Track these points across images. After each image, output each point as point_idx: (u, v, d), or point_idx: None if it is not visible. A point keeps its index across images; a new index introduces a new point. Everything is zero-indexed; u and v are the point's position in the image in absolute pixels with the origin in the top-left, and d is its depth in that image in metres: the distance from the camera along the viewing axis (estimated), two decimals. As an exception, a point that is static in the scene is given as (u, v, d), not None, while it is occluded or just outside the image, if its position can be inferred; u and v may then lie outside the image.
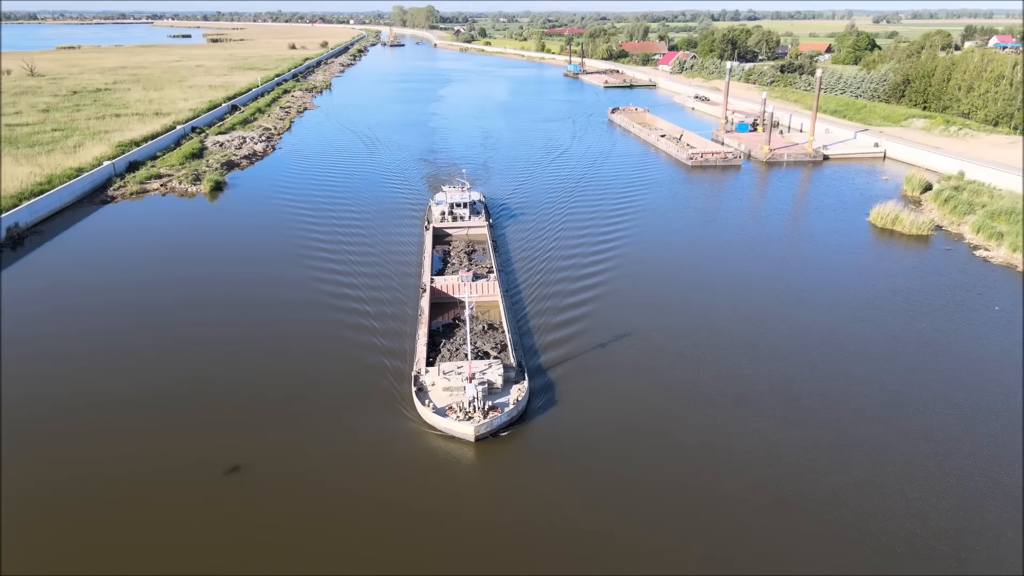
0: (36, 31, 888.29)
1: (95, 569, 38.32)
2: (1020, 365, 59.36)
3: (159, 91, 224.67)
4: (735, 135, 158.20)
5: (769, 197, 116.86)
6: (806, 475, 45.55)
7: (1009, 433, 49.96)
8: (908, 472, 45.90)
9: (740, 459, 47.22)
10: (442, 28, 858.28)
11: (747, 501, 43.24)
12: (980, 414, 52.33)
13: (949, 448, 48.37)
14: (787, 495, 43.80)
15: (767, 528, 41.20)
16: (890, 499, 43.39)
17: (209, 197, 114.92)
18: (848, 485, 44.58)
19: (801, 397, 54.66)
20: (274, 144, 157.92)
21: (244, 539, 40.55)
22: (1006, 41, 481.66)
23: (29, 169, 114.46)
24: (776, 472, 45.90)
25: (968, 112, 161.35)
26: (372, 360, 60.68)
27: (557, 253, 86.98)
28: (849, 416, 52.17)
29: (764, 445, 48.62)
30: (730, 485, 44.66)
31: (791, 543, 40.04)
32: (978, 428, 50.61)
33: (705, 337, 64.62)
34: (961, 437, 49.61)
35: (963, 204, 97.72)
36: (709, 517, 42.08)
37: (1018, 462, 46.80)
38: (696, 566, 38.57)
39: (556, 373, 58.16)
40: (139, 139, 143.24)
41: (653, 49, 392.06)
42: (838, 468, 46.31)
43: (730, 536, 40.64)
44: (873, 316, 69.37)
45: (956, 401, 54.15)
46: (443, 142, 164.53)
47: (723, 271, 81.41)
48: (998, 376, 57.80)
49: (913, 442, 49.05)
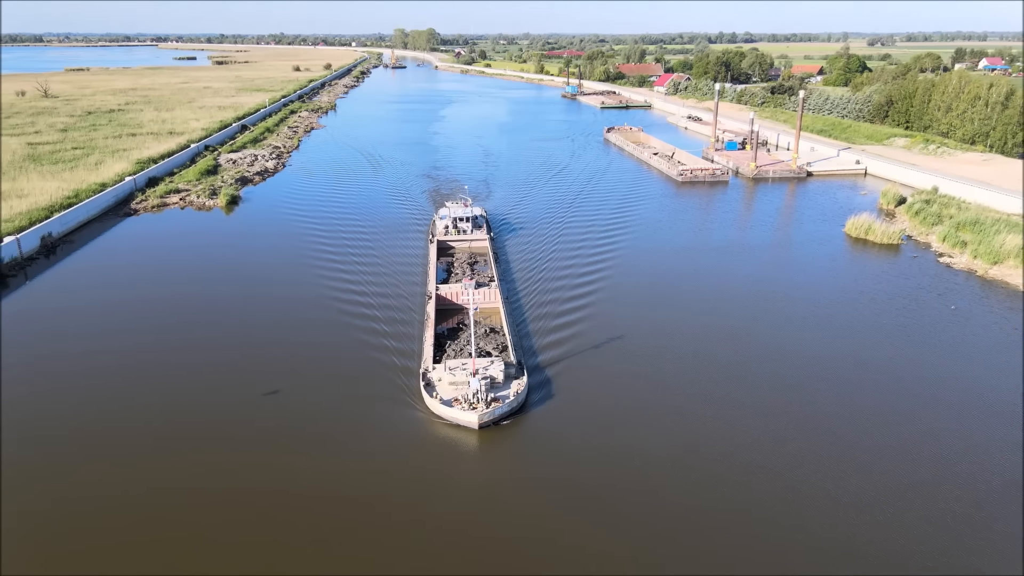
0: (42, 53, 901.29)
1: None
2: (970, 355, 65.93)
3: (170, 111, 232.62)
4: (724, 153, 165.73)
5: (754, 210, 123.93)
6: (769, 444, 51.90)
7: (953, 404, 56.43)
8: (860, 437, 52.30)
9: (718, 437, 53.54)
10: (443, 50, 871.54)
11: (718, 472, 49.58)
12: (933, 394, 58.80)
13: (895, 418, 54.81)
14: (750, 461, 50.20)
15: (742, 492, 47.56)
16: (844, 462, 49.79)
17: (225, 210, 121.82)
18: (811, 451, 50.97)
19: (778, 378, 61.07)
20: (284, 161, 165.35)
21: (272, 505, 46.71)
22: (995, 63, 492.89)
23: (56, 184, 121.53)
24: (742, 447, 52.28)
25: (947, 131, 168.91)
26: (382, 359, 66.05)
27: (555, 264, 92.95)
28: (808, 395, 58.60)
29: (737, 424, 55.05)
30: (704, 460, 50.99)
31: (763, 503, 46.40)
32: (930, 404, 57.04)
33: (691, 334, 71.03)
34: (914, 410, 56.06)
35: (932, 216, 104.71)
36: (687, 488, 48.32)
37: (953, 431, 53.24)
38: (676, 531, 44.81)
39: (553, 371, 63.58)
40: (156, 156, 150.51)
41: (649, 71, 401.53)
42: (803, 435, 52.70)
43: (708, 504, 46.94)
44: (842, 313, 76.00)
45: (909, 382, 60.66)
46: (445, 160, 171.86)
47: (708, 276, 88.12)
48: (952, 363, 64.32)
49: (865, 415, 55.47)
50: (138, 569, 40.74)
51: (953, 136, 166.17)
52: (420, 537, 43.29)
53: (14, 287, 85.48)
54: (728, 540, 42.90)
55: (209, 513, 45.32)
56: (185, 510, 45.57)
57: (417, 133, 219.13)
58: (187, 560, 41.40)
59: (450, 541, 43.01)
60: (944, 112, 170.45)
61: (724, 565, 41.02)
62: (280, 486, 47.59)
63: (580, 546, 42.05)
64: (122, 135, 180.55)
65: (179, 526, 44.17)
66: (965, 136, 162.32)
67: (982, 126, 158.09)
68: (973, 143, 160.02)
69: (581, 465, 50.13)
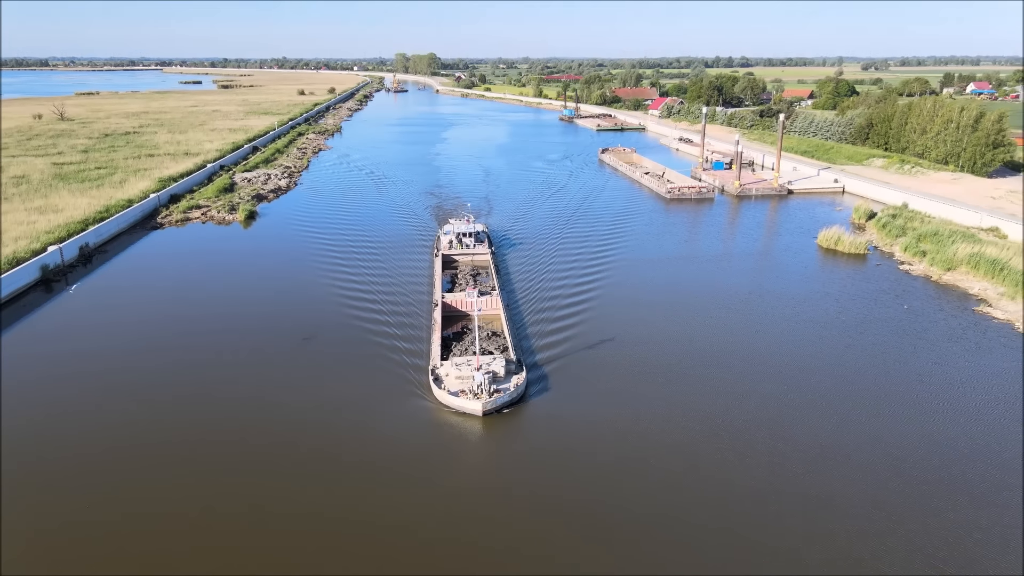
0: (49, 77, 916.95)
1: None
2: (916, 345, 74.65)
3: (183, 134, 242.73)
4: (712, 172, 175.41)
5: (736, 224, 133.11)
6: (733, 412, 60.45)
7: (898, 385, 65.03)
8: (799, 420, 60.88)
9: (697, 417, 62.04)
10: (443, 74, 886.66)
11: (696, 452, 58.10)
12: (882, 375, 67.41)
13: (846, 396, 63.39)
14: (716, 427, 58.73)
15: (720, 469, 56.07)
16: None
17: (244, 225, 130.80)
18: (765, 419, 59.54)
19: (744, 363, 69.67)
20: (295, 180, 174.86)
21: (300, 482, 55.11)
22: (982, 87, 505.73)
23: (87, 200, 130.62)
24: (717, 425, 60.84)
25: (922, 152, 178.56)
26: (394, 358, 72.45)
27: (552, 274, 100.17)
28: (770, 375, 67.17)
29: (711, 404, 63.64)
30: (683, 435, 59.53)
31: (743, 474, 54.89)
32: (879, 384, 65.65)
33: (675, 333, 79.38)
34: (861, 391, 64.66)
35: (896, 228, 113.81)
36: (668, 462, 56.76)
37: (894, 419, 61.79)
38: (654, 494, 53.23)
39: (549, 368, 70.39)
40: (176, 175, 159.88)
41: (644, 95, 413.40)
42: (753, 411, 61.26)
43: (686, 474, 55.43)
44: (808, 312, 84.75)
45: (861, 368, 69.31)
46: (448, 179, 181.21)
47: (691, 282, 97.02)
48: (900, 352, 72.97)
49: (816, 394, 64.08)
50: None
51: (928, 156, 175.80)
52: (432, 504, 49.78)
53: (57, 291, 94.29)
54: (701, 506, 51.35)
55: (255, 483, 53.73)
56: (221, 476, 54.04)
57: (420, 154, 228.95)
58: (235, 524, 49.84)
59: (458, 508, 49.53)
60: (919, 134, 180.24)
61: (700, 529, 49.45)
62: (307, 462, 54.84)
63: (573, 512, 48.91)
64: (141, 156, 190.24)
65: (220, 490, 52.64)
66: (938, 156, 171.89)
67: (954, 147, 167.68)
68: (946, 163, 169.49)
69: (574, 447, 57.03)
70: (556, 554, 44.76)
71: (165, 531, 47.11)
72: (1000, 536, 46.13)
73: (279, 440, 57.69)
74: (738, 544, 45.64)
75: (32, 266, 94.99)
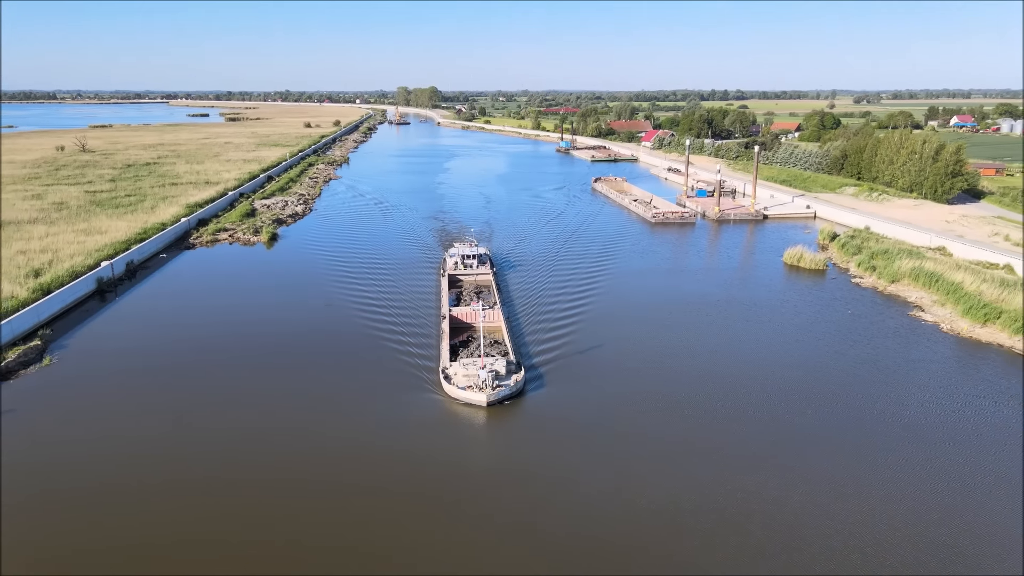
0: (60, 110, 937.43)
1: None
2: (856, 339, 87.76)
3: (201, 164, 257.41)
4: (695, 199, 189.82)
5: (713, 245, 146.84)
6: (696, 393, 73.35)
7: (844, 370, 78.00)
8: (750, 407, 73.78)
9: (669, 404, 74.96)
10: (444, 107, 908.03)
11: (664, 430, 71.00)
12: (824, 365, 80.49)
13: (795, 378, 76.32)
14: (678, 402, 71.60)
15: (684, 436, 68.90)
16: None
17: (267, 245, 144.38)
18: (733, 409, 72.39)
19: (709, 355, 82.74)
20: (310, 207, 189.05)
21: (332, 454, 67.86)
22: (965, 120, 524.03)
23: (125, 223, 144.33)
24: (687, 412, 73.79)
25: (890, 181, 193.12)
26: (408, 360, 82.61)
27: (547, 292, 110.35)
28: (730, 366, 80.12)
29: (683, 394, 76.60)
30: (652, 422, 72.48)
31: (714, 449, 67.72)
32: (824, 368, 78.67)
33: (654, 338, 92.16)
34: (808, 375, 77.67)
35: (853, 247, 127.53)
36: (646, 445, 69.66)
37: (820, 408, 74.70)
38: (630, 464, 66.02)
39: (545, 369, 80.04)
40: (202, 202, 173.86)
41: (638, 127, 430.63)
42: (713, 391, 74.17)
43: (661, 448, 68.26)
44: (767, 315, 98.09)
45: (807, 356, 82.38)
46: (451, 206, 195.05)
47: (670, 293, 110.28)
48: (842, 345, 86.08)
49: (773, 380, 77.01)
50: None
51: (895, 185, 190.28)
52: (443, 481, 58.62)
53: (109, 301, 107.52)
54: (679, 485, 64.18)
55: (285, 464, 66.48)
56: (263, 463, 66.89)
57: (425, 183, 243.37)
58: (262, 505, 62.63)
59: (466, 484, 58.53)
60: (887, 164, 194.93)
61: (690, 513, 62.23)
62: (335, 443, 64.91)
63: (562, 484, 58.84)
64: (165, 184, 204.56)
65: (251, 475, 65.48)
66: (904, 185, 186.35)
67: (917, 176, 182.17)
68: (911, 191, 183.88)
69: (565, 432, 66.52)
70: (545, 519, 53.62)
71: (211, 493, 59.86)
72: (885, 471, 58.86)
73: (310, 427, 67.54)
74: (714, 512, 58.37)
75: (90, 278, 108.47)
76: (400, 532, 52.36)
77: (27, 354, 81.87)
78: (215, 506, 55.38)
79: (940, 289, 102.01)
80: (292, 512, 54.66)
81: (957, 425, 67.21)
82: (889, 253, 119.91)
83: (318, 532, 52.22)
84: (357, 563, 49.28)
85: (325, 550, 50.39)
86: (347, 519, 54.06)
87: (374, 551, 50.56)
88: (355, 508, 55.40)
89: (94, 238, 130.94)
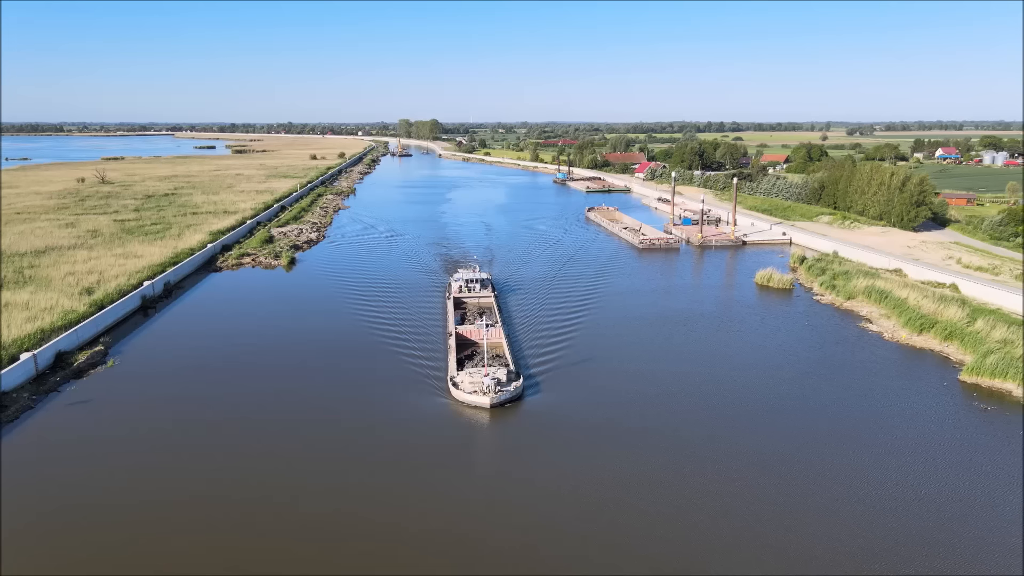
0: (69, 143, 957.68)
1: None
2: (810, 342, 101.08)
3: (216, 195, 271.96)
4: (681, 227, 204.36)
5: (696, 268, 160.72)
6: (674, 390, 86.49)
7: (798, 368, 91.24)
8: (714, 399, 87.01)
9: (653, 403, 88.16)
10: (445, 139, 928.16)
11: (647, 424, 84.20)
12: (780, 365, 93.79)
13: (757, 375, 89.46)
14: (655, 397, 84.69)
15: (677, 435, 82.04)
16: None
17: (286, 268, 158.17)
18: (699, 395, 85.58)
19: (679, 357, 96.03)
20: (323, 234, 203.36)
21: (352, 454, 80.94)
22: (950, 152, 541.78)
23: (157, 249, 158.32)
24: (668, 408, 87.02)
25: (862, 210, 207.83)
26: (421, 371, 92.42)
27: (544, 312, 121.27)
28: (700, 365, 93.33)
29: (666, 393, 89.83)
30: (636, 419, 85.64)
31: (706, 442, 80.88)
32: (781, 367, 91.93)
33: (636, 345, 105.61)
34: (771, 373, 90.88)
35: (817, 269, 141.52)
36: (629, 444, 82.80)
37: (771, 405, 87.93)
38: (616, 458, 79.11)
39: (541, 378, 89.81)
40: (224, 229, 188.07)
41: (632, 159, 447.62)
42: (688, 387, 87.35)
43: (647, 439, 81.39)
44: (736, 326, 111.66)
45: (766, 360, 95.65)
46: (454, 234, 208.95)
47: (648, 308, 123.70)
48: (798, 349, 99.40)
49: (737, 382, 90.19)
50: (302, 436, 75.01)
51: (867, 214, 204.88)
52: (451, 472, 67.27)
53: (151, 316, 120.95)
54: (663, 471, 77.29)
55: (303, 457, 79.51)
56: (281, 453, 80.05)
57: (429, 212, 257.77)
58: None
59: (472, 474, 67.87)
60: (860, 195, 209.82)
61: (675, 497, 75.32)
62: (357, 441, 74.76)
63: (558, 476, 68.82)
64: (186, 214, 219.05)
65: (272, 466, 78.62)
66: (874, 214, 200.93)
67: (885, 205, 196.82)
68: (881, 219, 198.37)
69: (560, 430, 75.78)
70: (542, 506, 61.58)
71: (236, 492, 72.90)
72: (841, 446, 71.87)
73: (334, 426, 77.17)
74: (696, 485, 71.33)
75: (135, 296, 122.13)
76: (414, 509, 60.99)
77: (93, 357, 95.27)
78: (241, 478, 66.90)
79: (887, 304, 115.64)
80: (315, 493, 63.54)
81: (889, 410, 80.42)
82: (848, 274, 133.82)
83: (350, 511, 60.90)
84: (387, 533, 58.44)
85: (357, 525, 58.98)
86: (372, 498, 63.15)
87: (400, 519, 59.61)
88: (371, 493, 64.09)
89: (132, 261, 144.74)
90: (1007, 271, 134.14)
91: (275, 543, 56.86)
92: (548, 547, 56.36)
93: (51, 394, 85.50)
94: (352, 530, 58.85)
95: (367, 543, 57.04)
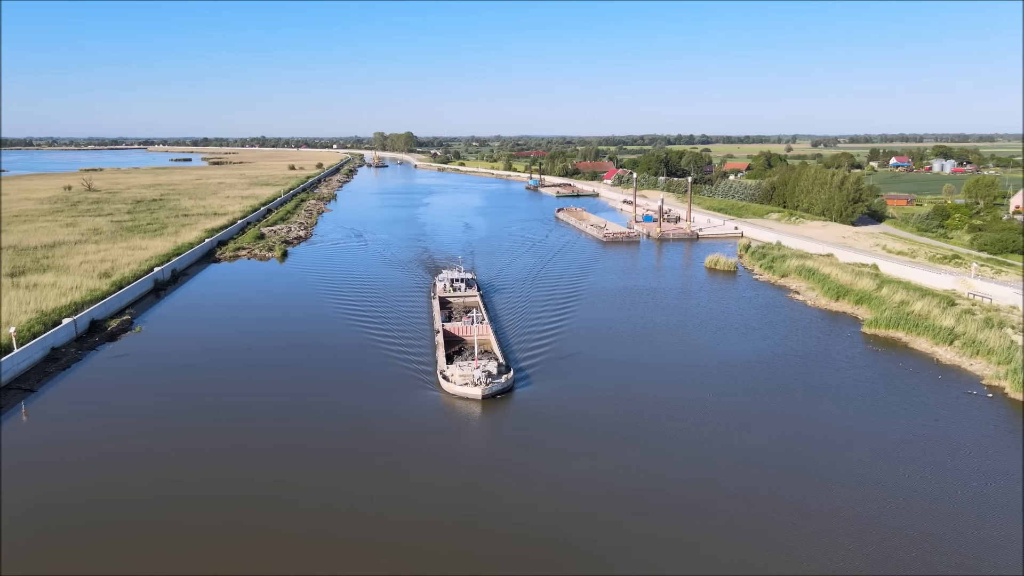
0: (42, 156, 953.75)
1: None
2: (745, 314, 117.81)
3: (203, 200, 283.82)
4: (643, 224, 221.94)
5: (656, 258, 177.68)
6: (636, 369, 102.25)
7: (734, 338, 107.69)
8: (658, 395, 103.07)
9: (627, 390, 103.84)
10: (419, 151, 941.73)
11: (619, 408, 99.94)
12: (721, 326, 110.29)
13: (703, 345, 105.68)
14: (620, 383, 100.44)
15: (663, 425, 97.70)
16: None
17: (280, 260, 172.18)
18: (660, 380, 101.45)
19: (636, 330, 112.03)
20: (310, 232, 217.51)
21: (345, 447, 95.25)
22: (902, 161, 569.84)
23: (159, 243, 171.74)
24: (639, 395, 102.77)
25: (808, 208, 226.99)
26: (410, 366, 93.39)
27: (526, 307, 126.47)
28: (656, 337, 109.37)
29: (633, 380, 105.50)
30: (614, 405, 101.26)
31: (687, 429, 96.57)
32: (719, 329, 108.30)
33: (607, 335, 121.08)
34: (716, 341, 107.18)
35: (758, 255, 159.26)
36: (611, 433, 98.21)
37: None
38: (599, 447, 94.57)
39: (529, 371, 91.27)
40: (217, 228, 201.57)
41: (601, 167, 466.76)
42: (672, 390, 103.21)
43: (632, 426, 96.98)
44: (685, 300, 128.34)
45: (707, 324, 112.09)
46: (432, 234, 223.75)
47: (607, 289, 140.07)
48: (734, 316, 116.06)
49: (689, 371, 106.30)
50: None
51: (811, 211, 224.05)
52: (445, 461, 68.01)
53: (162, 297, 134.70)
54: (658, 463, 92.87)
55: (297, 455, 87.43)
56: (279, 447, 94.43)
57: (408, 215, 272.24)
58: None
59: (464, 462, 68.75)
60: (805, 194, 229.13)
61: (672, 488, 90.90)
62: (351, 434, 73.28)
63: (545, 463, 68.11)
64: (178, 215, 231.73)
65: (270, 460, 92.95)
66: (818, 211, 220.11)
67: (828, 203, 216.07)
68: (823, 215, 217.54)
69: (548, 421, 76.49)
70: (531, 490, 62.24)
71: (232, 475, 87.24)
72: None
73: (328, 417, 77.58)
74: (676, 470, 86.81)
75: (149, 279, 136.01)
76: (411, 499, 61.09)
77: (122, 325, 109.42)
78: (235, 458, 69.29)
79: (813, 279, 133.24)
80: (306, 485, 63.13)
81: (807, 355, 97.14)
82: (784, 257, 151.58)
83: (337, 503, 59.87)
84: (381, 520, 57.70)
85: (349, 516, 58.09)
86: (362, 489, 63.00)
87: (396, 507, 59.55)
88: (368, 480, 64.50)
89: (139, 252, 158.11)
90: (923, 254, 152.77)
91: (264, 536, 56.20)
92: (542, 535, 56.54)
93: (90, 352, 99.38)
94: (344, 517, 58.96)
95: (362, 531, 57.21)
